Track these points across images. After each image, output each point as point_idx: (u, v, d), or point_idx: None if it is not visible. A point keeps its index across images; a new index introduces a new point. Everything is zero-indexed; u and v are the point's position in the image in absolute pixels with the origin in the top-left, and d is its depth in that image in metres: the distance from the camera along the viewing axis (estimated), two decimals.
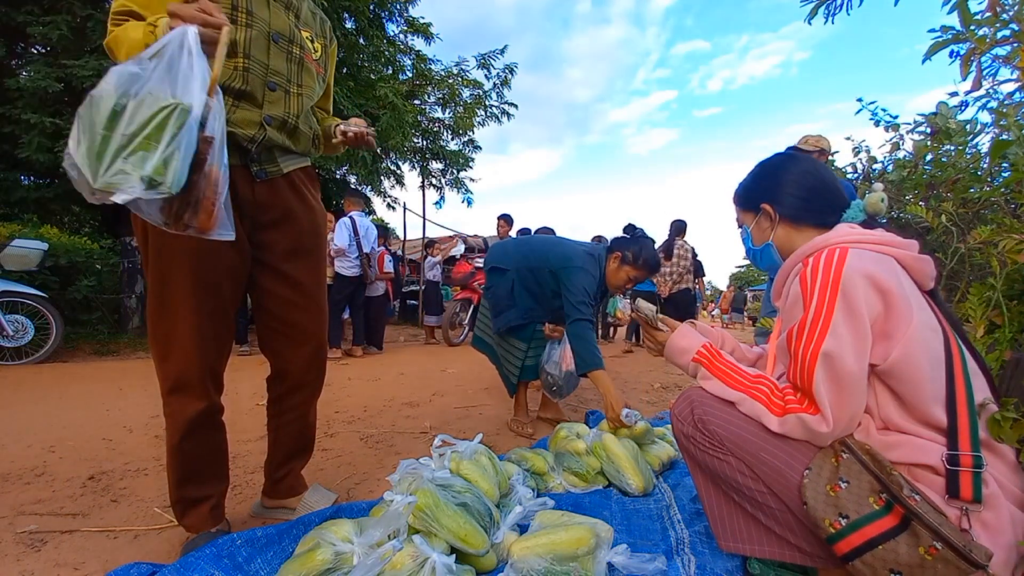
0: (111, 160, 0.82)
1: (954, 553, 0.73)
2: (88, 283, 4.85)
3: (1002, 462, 0.85)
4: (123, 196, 0.83)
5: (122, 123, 0.83)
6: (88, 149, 0.82)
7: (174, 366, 1.13)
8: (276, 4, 1.21)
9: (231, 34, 0.98)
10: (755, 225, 1.14)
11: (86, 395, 2.92)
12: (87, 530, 1.34)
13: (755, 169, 1.17)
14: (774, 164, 1.14)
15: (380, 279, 5.51)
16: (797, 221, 1.07)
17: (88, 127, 0.83)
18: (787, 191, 1.08)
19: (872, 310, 0.85)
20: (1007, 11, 1.27)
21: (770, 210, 1.09)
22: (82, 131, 0.83)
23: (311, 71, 1.28)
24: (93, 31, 4.91)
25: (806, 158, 1.13)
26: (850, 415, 0.86)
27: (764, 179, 1.14)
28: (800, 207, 1.06)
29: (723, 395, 1.00)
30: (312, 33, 1.31)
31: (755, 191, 1.14)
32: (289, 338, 1.33)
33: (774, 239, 1.10)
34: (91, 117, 0.83)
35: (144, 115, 0.84)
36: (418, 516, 1.07)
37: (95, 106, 0.83)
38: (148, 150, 0.83)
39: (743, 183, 1.18)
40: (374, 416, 2.64)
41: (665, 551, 1.24)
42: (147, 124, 0.84)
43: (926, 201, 1.74)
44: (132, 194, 0.83)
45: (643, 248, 2.15)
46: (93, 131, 0.83)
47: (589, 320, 2.06)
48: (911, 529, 0.77)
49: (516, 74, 8.77)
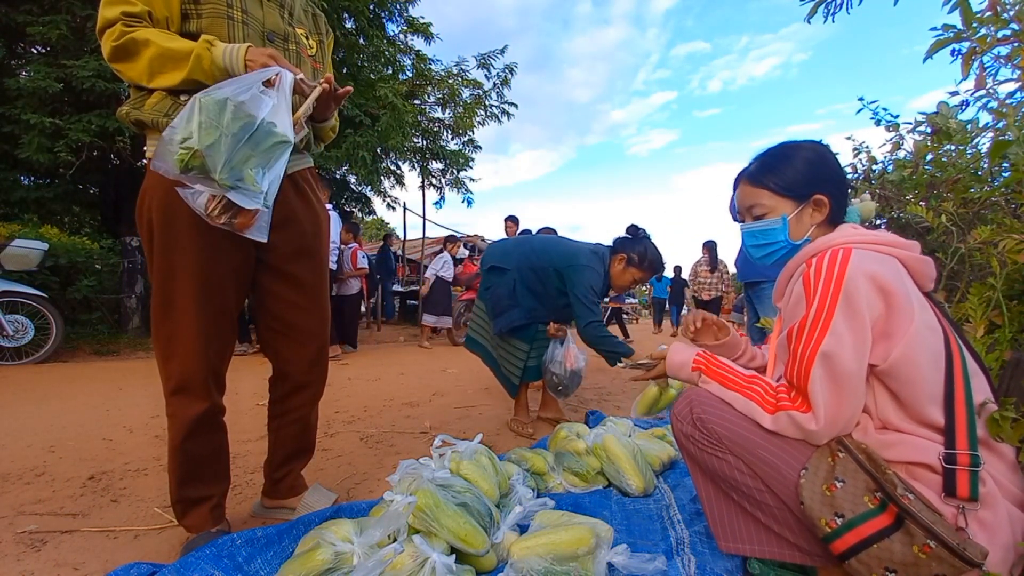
0: (235, 163, 0.96)
1: (948, 551, 0.74)
2: (88, 283, 4.85)
3: (1001, 461, 0.85)
4: (239, 196, 0.97)
5: (250, 137, 0.97)
6: (215, 144, 0.93)
7: (177, 367, 1.13)
8: (269, 3, 1.21)
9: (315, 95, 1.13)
10: (796, 215, 1.03)
11: (86, 395, 2.92)
12: (87, 530, 1.34)
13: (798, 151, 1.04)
14: (825, 153, 1.03)
15: (353, 276, 5.33)
16: (834, 220, 1.02)
17: (217, 125, 0.93)
18: (840, 186, 1.01)
19: (874, 311, 0.85)
20: (1007, 10, 1.27)
21: (827, 202, 1.00)
22: (206, 123, 0.93)
23: (308, 66, 1.28)
24: (93, 31, 4.90)
25: None
26: (848, 415, 0.86)
27: (818, 165, 1.02)
28: (842, 205, 1.02)
29: (720, 396, 1.01)
30: (307, 30, 1.31)
31: (808, 176, 1.02)
32: (291, 339, 1.33)
33: (812, 234, 1.03)
34: (224, 120, 0.94)
35: (269, 141, 1.00)
36: (418, 516, 1.07)
37: (233, 112, 0.95)
38: (266, 168, 1.00)
39: (782, 165, 1.04)
40: (374, 416, 2.64)
41: (665, 551, 1.24)
42: (269, 149, 1.00)
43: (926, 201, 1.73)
44: (252, 203, 0.99)
45: (648, 249, 2.14)
46: (223, 131, 0.94)
47: (600, 322, 2.06)
48: (905, 528, 0.77)
49: (516, 74, 8.76)
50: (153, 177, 1.11)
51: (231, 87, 0.96)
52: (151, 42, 1.03)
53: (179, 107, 1.08)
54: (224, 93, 0.95)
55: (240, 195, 0.96)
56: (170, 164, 0.93)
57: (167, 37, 1.04)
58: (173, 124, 0.93)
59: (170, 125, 0.93)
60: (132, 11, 1.04)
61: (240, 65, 1.03)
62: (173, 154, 0.92)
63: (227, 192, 0.95)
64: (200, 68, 1.03)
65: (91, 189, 6.34)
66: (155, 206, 1.10)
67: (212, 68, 1.03)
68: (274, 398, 1.39)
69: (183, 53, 1.02)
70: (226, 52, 1.03)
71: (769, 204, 1.05)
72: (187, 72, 1.03)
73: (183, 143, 0.91)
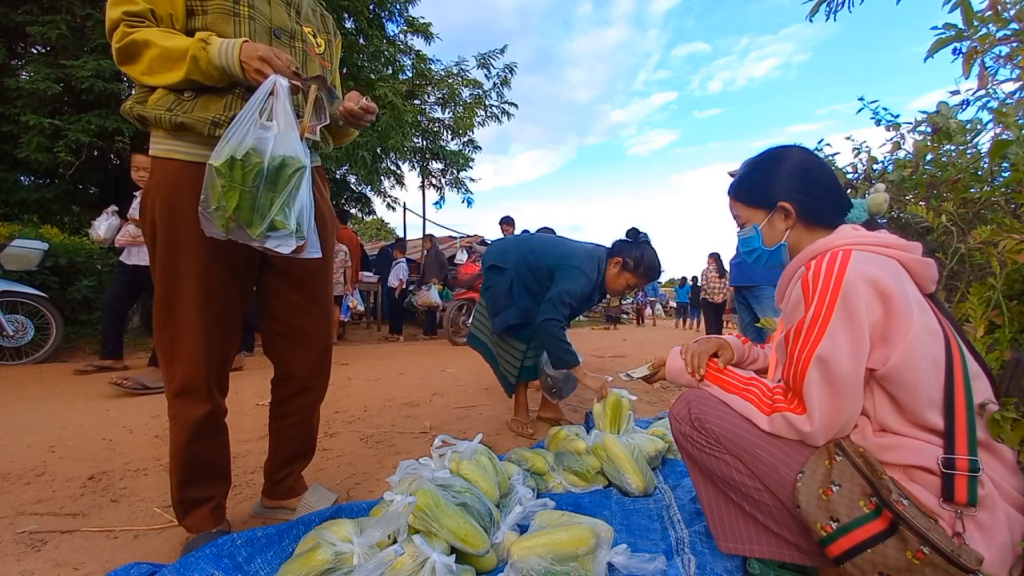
0: (263, 212, 0.98)
1: (942, 558, 0.73)
2: (88, 283, 4.85)
3: (1000, 463, 0.85)
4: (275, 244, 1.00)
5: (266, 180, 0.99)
6: (240, 205, 0.97)
7: (180, 369, 1.13)
8: (277, 1, 1.21)
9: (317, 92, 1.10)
10: (767, 224, 1.06)
11: (86, 395, 2.92)
12: (87, 530, 1.34)
13: (764, 162, 1.08)
14: (789, 158, 1.05)
15: None
16: (811, 220, 1.02)
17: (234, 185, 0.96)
18: (806, 188, 1.02)
19: (872, 315, 0.84)
20: (1008, 10, 1.27)
21: (790, 208, 1.02)
22: (225, 187, 0.96)
23: (315, 64, 1.28)
24: (92, 31, 4.90)
25: (813, 153, 1.08)
26: (844, 419, 0.86)
27: (779, 174, 1.05)
28: (817, 206, 1.02)
29: (720, 398, 1.01)
30: (314, 29, 1.31)
31: (769, 187, 1.05)
32: (294, 342, 1.32)
33: (787, 239, 1.05)
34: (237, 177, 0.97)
35: (285, 174, 1.00)
36: (418, 516, 1.07)
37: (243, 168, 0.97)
38: (290, 207, 1.01)
39: (751, 177, 1.10)
40: (374, 416, 2.64)
41: (665, 551, 1.24)
42: (288, 180, 1.00)
43: (926, 201, 1.73)
44: (288, 245, 1.01)
45: (645, 254, 2.11)
46: (242, 189, 0.97)
47: (560, 321, 2.04)
48: (899, 533, 0.77)
49: (516, 74, 8.77)
50: (157, 175, 1.11)
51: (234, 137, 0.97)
52: (151, 42, 1.03)
53: (182, 103, 1.08)
54: (228, 150, 0.96)
55: (276, 242, 1.01)
56: (219, 232, 1.00)
57: (165, 36, 1.04)
58: (204, 196, 0.98)
59: (202, 197, 0.98)
60: (133, 10, 1.04)
61: (236, 64, 1.03)
62: (215, 223, 0.98)
63: (264, 244, 1.00)
64: (197, 69, 1.03)
65: (91, 189, 6.34)
66: (159, 205, 1.10)
67: (209, 68, 1.03)
68: (276, 400, 1.39)
69: (180, 52, 1.02)
70: (222, 50, 1.02)
71: (744, 215, 1.11)
72: (185, 72, 1.03)
73: (216, 211, 0.97)
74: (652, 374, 1.28)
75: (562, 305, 2.04)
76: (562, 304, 2.04)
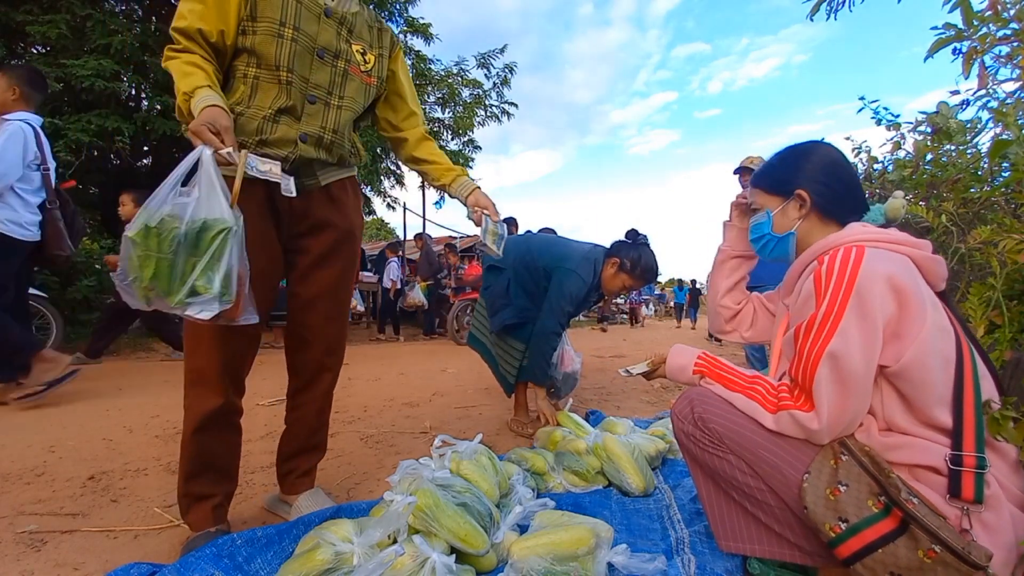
0: (184, 277, 0.95)
1: (953, 556, 0.73)
2: (88, 283, 4.85)
3: (1003, 462, 0.85)
4: (197, 310, 0.95)
5: (185, 243, 0.95)
6: (156, 273, 0.94)
7: (196, 361, 1.18)
8: (328, 20, 1.22)
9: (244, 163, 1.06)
10: (780, 211, 1.08)
11: (86, 395, 2.92)
12: (87, 530, 1.34)
13: (788, 151, 1.11)
14: (813, 150, 1.07)
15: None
16: (826, 214, 1.03)
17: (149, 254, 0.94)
18: (825, 180, 1.03)
19: (886, 312, 0.84)
20: (1008, 10, 1.27)
21: (806, 197, 1.04)
22: (141, 256, 0.94)
23: (356, 82, 1.28)
24: (92, 30, 4.90)
25: (840, 150, 1.09)
26: (851, 416, 0.86)
27: (802, 163, 1.06)
28: (834, 199, 1.03)
29: (723, 396, 1.00)
30: (364, 45, 1.30)
31: (790, 174, 1.07)
32: (303, 339, 1.37)
33: (798, 229, 1.06)
34: (152, 245, 0.94)
35: (207, 236, 0.96)
36: (418, 516, 1.07)
37: (159, 235, 0.94)
38: (213, 270, 0.96)
39: (775, 165, 1.12)
40: (374, 416, 2.64)
41: (665, 551, 1.24)
42: (211, 242, 0.96)
43: (926, 201, 1.73)
44: (210, 310, 0.95)
45: (642, 256, 2.10)
46: (158, 256, 0.94)
47: (557, 333, 2.07)
48: (910, 532, 0.77)
49: (515, 73, 8.78)
50: None
51: (151, 206, 0.96)
52: (172, 74, 1.08)
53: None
54: (143, 219, 0.95)
55: (198, 308, 0.96)
56: (140, 303, 0.96)
57: (183, 72, 1.06)
58: (120, 268, 0.95)
59: (118, 270, 0.96)
60: (179, 26, 1.09)
61: None
62: (135, 294, 0.95)
63: (185, 311, 0.95)
64: (183, 116, 1.08)
65: (91, 189, 6.34)
66: None
67: (190, 117, 1.05)
68: (289, 392, 1.45)
69: (179, 94, 1.06)
70: (195, 108, 1.03)
71: (761, 201, 1.13)
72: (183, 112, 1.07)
73: (133, 282, 0.94)
74: (651, 371, 1.28)
75: (563, 315, 2.07)
76: (563, 314, 2.07)
